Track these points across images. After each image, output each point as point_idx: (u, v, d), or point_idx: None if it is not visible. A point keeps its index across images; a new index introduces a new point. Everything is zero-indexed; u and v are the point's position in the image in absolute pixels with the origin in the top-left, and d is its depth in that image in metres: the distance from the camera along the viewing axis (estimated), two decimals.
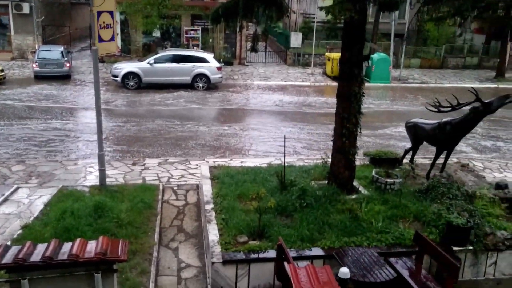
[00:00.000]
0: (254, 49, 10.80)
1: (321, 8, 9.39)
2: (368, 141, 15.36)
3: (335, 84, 10.00)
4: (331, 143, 9.80)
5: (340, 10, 8.25)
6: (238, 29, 11.04)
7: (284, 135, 11.04)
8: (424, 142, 10.93)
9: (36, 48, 26.59)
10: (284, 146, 10.15)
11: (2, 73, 22.99)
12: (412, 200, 9.17)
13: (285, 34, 34.76)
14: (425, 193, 9.43)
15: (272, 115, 19.49)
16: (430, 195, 9.27)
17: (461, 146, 14.74)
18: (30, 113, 18.00)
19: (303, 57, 31.82)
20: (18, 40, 29.16)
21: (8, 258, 4.99)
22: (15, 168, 12.00)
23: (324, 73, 28.91)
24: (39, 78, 23.80)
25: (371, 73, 26.66)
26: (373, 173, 9.96)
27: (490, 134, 17.41)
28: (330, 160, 9.89)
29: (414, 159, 11.34)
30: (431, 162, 10.67)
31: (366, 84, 11.82)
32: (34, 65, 24.05)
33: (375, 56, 26.63)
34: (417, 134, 10.79)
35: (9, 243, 7.79)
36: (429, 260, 7.68)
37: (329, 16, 9.05)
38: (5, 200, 10.06)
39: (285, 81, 26.85)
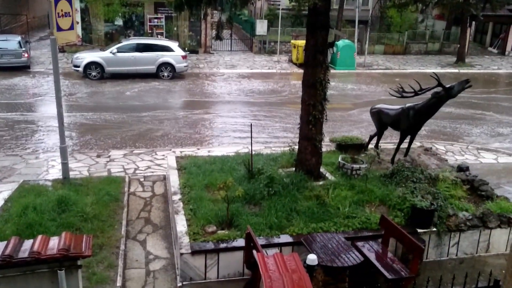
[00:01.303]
0: (219, 37, 10.67)
1: None
2: (334, 126, 15.52)
3: (301, 71, 10.02)
4: (298, 130, 9.84)
5: None
6: (202, 17, 10.85)
7: (251, 124, 11.00)
8: (389, 127, 11.11)
9: None
10: (251, 134, 10.13)
11: None
12: (378, 184, 9.33)
13: (250, 21, 34.57)
14: (390, 177, 9.60)
15: (239, 104, 19.41)
16: (395, 179, 9.44)
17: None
18: None
19: (269, 45, 31.77)
20: None
21: None
22: None
23: (290, 61, 28.95)
24: None
25: (337, 60, 26.86)
26: (340, 159, 10.06)
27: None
28: (297, 147, 9.93)
29: (379, 144, 11.52)
30: (395, 147, 10.86)
31: (332, 71, 11.90)
32: None
33: (340, 43, 26.82)
34: (381, 119, 10.95)
35: None
36: (395, 243, 7.85)
37: (293, 3, 9.02)
38: None
39: (251, 69, 26.75)
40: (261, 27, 31.32)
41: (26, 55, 23.55)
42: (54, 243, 5.02)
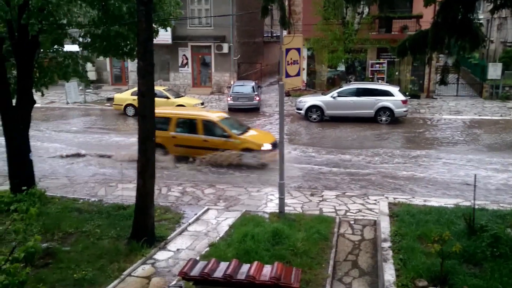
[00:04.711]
0: (443, 82, 10.21)
1: None
2: None
3: None
4: None
5: None
6: (426, 61, 10.57)
7: (475, 175, 10.03)
8: None
9: (231, 83, 29.47)
10: (474, 186, 9.22)
11: (202, 106, 26.04)
12: None
13: (481, 65, 31.99)
14: None
15: (463, 150, 17.91)
16: None
17: None
18: None
19: (503, 90, 28.77)
20: (217, 77, 32.84)
21: (196, 271, 5.55)
22: (207, 191, 13.29)
23: None
24: (232, 110, 26.15)
25: None
26: None
27: None
28: None
29: None
30: None
31: None
32: (228, 99, 26.68)
33: None
34: None
35: (197, 258, 8.61)
36: None
37: None
38: (197, 219, 11.16)
39: (479, 115, 24.61)
40: (494, 70, 28.60)
41: (257, 98, 26.47)
42: (267, 271, 5.39)
